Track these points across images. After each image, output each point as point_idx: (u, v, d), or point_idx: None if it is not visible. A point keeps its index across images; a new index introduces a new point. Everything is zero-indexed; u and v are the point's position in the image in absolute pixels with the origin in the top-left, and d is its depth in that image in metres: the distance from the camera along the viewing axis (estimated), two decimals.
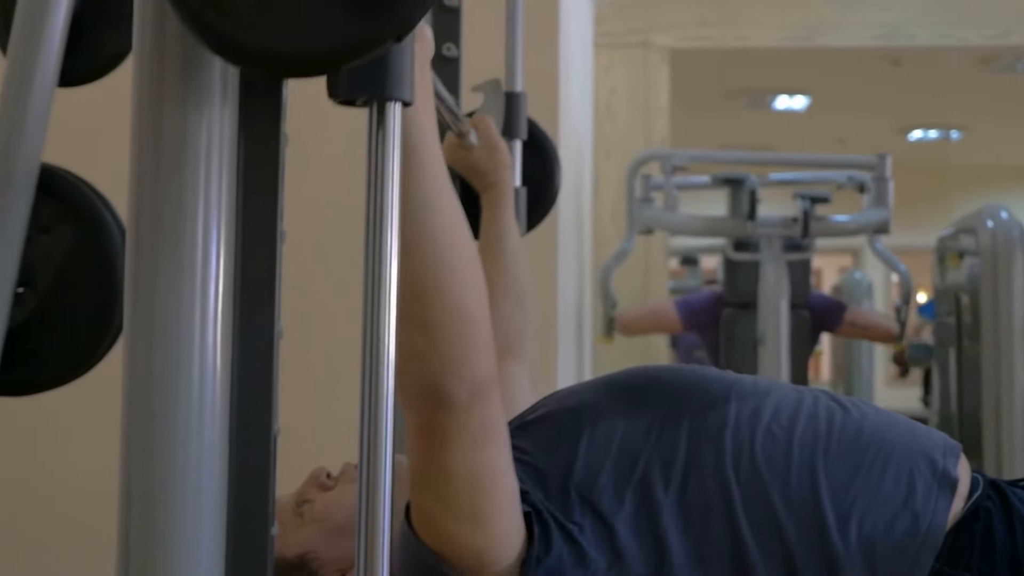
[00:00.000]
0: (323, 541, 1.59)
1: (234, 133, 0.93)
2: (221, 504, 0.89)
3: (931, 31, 6.64)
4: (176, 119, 0.90)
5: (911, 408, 8.13)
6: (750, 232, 4.96)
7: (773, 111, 9.88)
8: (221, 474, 0.90)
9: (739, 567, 1.44)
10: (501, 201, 2.09)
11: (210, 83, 0.91)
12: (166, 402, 0.87)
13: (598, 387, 1.64)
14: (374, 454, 0.93)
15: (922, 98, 9.32)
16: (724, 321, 5.37)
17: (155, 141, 0.90)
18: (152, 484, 0.87)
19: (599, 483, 1.47)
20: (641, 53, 6.50)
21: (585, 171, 5.33)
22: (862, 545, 1.44)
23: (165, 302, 0.88)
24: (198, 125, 0.90)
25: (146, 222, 0.90)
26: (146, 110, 0.91)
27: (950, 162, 11.80)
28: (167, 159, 0.90)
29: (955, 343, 5.39)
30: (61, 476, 3.19)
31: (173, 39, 0.89)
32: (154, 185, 0.90)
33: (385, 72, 0.94)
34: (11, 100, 1.50)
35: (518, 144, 2.33)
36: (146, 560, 0.87)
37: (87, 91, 1.62)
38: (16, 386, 1.55)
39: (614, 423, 1.52)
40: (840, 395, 1.65)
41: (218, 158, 0.90)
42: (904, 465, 1.50)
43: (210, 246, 0.89)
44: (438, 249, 1.29)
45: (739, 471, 1.47)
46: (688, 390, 1.57)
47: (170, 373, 0.87)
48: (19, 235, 1.48)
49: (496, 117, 2.22)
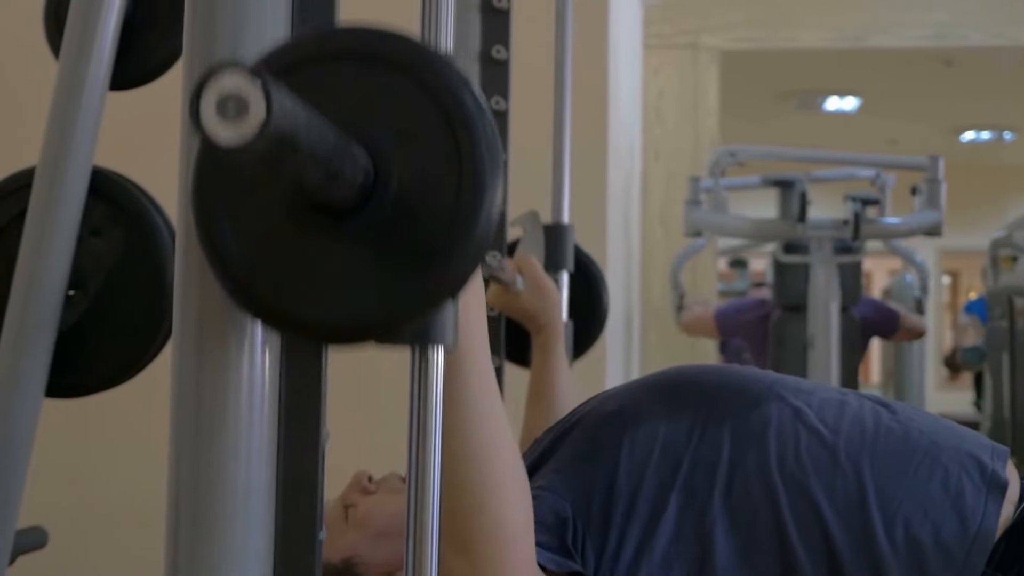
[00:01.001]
0: (367, 545, 1.59)
1: None
2: (269, 509, 0.89)
3: (983, 31, 6.59)
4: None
5: (963, 412, 8.06)
6: (800, 234, 4.93)
7: (823, 113, 9.83)
8: (269, 478, 0.89)
9: (785, 568, 1.43)
10: (552, 344, 2.08)
11: None
12: (214, 405, 0.87)
13: (638, 390, 1.63)
14: (423, 459, 0.92)
15: (974, 99, 9.25)
16: (773, 324, 5.35)
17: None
18: (200, 489, 0.87)
19: (643, 487, 1.46)
20: (690, 55, 6.48)
21: (634, 173, 5.32)
22: (909, 547, 1.42)
23: (214, 305, 0.87)
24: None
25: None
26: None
27: (1003, 163, 11.71)
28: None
29: (1008, 347, 5.34)
30: (111, 478, 3.22)
31: (222, 46, 0.89)
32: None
33: (428, 322, 0.90)
34: (63, 103, 1.51)
35: (564, 276, 2.28)
36: (195, 567, 0.87)
37: (138, 94, 1.63)
38: (67, 388, 1.55)
39: (655, 426, 1.51)
40: (885, 398, 1.63)
41: None
42: (952, 467, 1.47)
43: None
44: (481, 466, 1.26)
45: (784, 471, 1.46)
46: (729, 390, 1.56)
47: (219, 375, 0.87)
48: (71, 238, 1.49)
49: (537, 249, 2.21)
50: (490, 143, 0.81)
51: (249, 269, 0.82)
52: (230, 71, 0.67)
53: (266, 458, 0.89)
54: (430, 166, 0.81)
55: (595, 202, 3.42)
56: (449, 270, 0.80)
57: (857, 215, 4.81)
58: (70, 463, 3.12)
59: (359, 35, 0.82)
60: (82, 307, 1.53)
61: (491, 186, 0.80)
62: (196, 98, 0.67)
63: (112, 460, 3.22)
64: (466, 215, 0.80)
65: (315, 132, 0.72)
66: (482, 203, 0.80)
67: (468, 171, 0.80)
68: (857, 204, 4.88)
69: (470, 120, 0.81)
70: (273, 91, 0.66)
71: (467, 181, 0.80)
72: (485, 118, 0.81)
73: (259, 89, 0.66)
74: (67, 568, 2.82)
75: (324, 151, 0.74)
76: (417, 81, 0.81)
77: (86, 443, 3.17)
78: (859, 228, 4.81)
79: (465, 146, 0.80)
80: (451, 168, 0.80)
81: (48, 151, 1.50)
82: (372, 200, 0.80)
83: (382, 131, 0.81)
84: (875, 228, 4.99)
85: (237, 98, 0.66)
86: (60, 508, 2.88)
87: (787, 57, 7.40)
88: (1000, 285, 5.52)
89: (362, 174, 0.79)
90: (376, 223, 0.80)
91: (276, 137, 0.67)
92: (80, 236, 1.50)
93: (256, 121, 0.66)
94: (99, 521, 3.21)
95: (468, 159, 0.80)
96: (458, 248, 0.80)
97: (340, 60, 0.82)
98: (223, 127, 0.66)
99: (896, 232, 5.15)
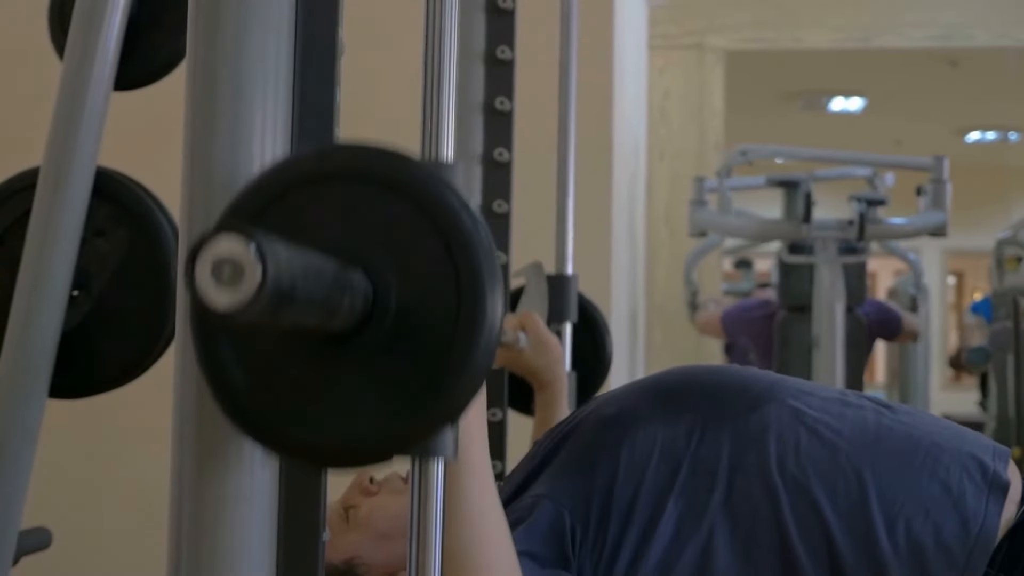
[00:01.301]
0: (368, 546, 1.59)
1: (287, 143, 0.92)
2: (272, 510, 0.89)
3: (989, 31, 6.58)
4: (228, 122, 0.90)
5: (967, 412, 8.05)
6: (805, 235, 4.93)
7: (829, 113, 9.83)
8: (272, 480, 0.89)
9: (786, 569, 1.43)
10: (555, 400, 2.09)
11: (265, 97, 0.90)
12: (215, 423, 0.86)
13: (637, 392, 1.63)
14: (426, 491, 0.92)
15: (980, 99, 9.24)
16: (778, 325, 5.35)
17: (207, 150, 0.90)
18: (203, 489, 0.87)
19: (642, 491, 1.46)
20: (696, 55, 6.48)
21: (639, 173, 5.31)
22: (911, 549, 1.42)
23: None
24: (251, 131, 0.90)
25: (198, 226, 0.90)
26: (199, 118, 0.91)
27: (1008, 164, 11.70)
28: (220, 166, 0.90)
29: (1013, 347, 5.34)
30: (116, 478, 3.22)
31: (226, 47, 0.89)
32: (207, 189, 0.90)
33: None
34: (67, 103, 1.50)
35: (568, 327, 2.27)
36: (198, 567, 0.87)
37: (143, 95, 1.63)
38: (71, 388, 1.55)
39: (654, 429, 1.51)
40: (885, 399, 1.62)
41: (272, 163, 0.90)
42: (954, 468, 1.47)
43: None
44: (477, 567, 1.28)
45: (785, 473, 1.45)
46: (729, 391, 1.55)
47: None
48: (75, 238, 1.49)
49: (540, 301, 2.21)
50: (489, 264, 0.80)
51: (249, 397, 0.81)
52: (224, 236, 0.67)
53: (268, 459, 0.88)
54: (429, 289, 0.80)
55: (600, 202, 3.42)
56: (451, 395, 0.80)
57: (862, 215, 4.81)
58: (74, 463, 3.13)
59: (357, 154, 0.82)
60: (86, 307, 1.53)
61: (491, 308, 0.79)
62: (191, 263, 0.67)
63: (117, 460, 3.22)
64: (466, 338, 0.79)
65: (313, 279, 0.72)
66: (482, 326, 0.79)
67: (467, 293, 0.79)
68: (862, 204, 4.88)
69: (468, 242, 0.80)
70: (268, 253, 0.66)
71: (466, 303, 0.79)
72: (483, 239, 0.80)
73: (254, 252, 0.66)
74: (71, 569, 2.82)
75: (322, 295, 0.74)
76: (415, 202, 0.80)
77: (90, 444, 3.17)
78: (864, 229, 4.81)
79: (464, 269, 0.79)
80: (450, 291, 0.80)
81: (52, 151, 1.50)
82: (371, 323, 0.80)
83: (381, 254, 0.81)
84: (880, 229, 4.98)
85: (232, 263, 0.66)
86: (64, 509, 2.88)
87: (792, 57, 7.39)
88: (1005, 285, 5.52)
89: (361, 300, 0.79)
90: (375, 347, 0.80)
91: (273, 296, 0.67)
92: (84, 237, 1.50)
93: (252, 285, 0.66)
94: (103, 522, 3.22)
95: (467, 281, 0.79)
96: (459, 372, 0.79)
97: (338, 180, 0.82)
98: (219, 292, 0.67)
99: (901, 233, 5.15)
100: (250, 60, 0.90)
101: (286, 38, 0.92)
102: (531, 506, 1.45)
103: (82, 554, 3.05)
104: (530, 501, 1.46)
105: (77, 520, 3.06)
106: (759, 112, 9.46)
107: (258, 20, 0.90)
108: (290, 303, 0.70)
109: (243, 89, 0.90)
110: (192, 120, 0.91)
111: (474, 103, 2.14)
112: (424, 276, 0.80)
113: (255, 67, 0.90)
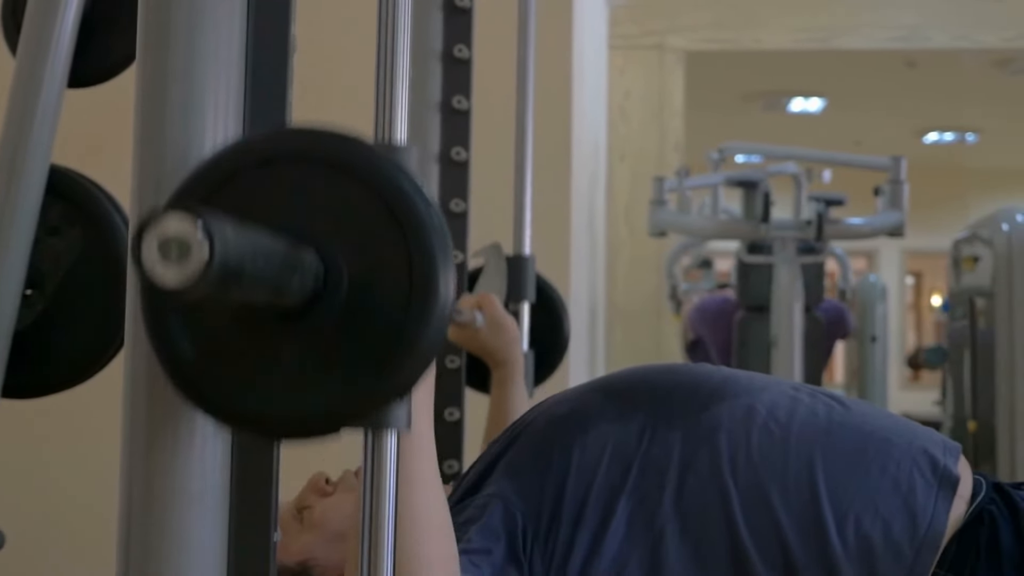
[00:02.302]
0: (323, 547, 1.58)
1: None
2: (223, 509, 0.89)
3: (947, 33, 6.63)
4: (179, 121, 0.89)
5: (926, 411, 8.10)
6: (764, 235, 4.95)
7: (789, 114, 9.87)
8: (223, 478, 0.89)
9: (737, 568, 1.43)
10: (511, 379, 2.11)
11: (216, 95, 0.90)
12: (166, 406, 0.86)
13: (589, 393, 1.62)
14: (379, 462, 0.92)
15: (938, 100, 9.30)
16: (737, 324, 5.37)
17: (158, 149, 0.90)
18: (152, 489, 0.86)
19: (592, 492, 1.46)
20: (656, 55, 6.49)
21: (599, 173, 5.32)
22: (860, 545, 1.42)
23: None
24: (203, 130, 0.90)
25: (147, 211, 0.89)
26: (149, 118, 0.90)
27: (966, 165, 11.78)
28: (171, 165, 0.89)
29: (969, 347, 5.37)
30: (69, 479, 3.20)
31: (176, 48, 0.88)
32: (157, 175, 0.90)
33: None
34: (20, 101, 1.49)
35: (526, 306, 2.29)
36: (147, 567, 0.86)
37: (97, 92, 1.62)
38: (24, 388, 1.54)
39: (606, 429, 1.51)
40: (838, 393, 1.63)
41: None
42: (904, 463, 1.47)
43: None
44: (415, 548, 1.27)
45: (736, 472, 1.46)
46: (681, 390, 1.55)
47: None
48: (28, 237, 1.48)
49: (499, 281, 2.23)
50: (440, 243, 0.81)
51: (199, 370, 0.82)
52: (171, 214, 0.67)
53: (220, 457, 0.88)
54: (380, 266, 0.81)
55: (559, 200, 3.42)
56: (402, 370, 0.81)
57: (820, 215, 4.83)
58: (27, 464, 3.10)
59: (307, 137, 0.83)
60: (39, 307, 1.52)
61: (442, 285, 0.80)
62: (137, 241, 0.68)
63: (70, 461, 3.20)
64: (418, 314, 0.80)
65: (261, 259, 0.73)
66: (434, 303, 0.80)
67: (419, 271, 0.80)
68: (821, 204, 4.90)
69: (420, 222, 0.81)
70: (215, 231, 0.67)
71: (418, 280, 0.80)
72: (435, 219, 0.81)
73: (201, 230, 0.67)
74: (24, 570, 2.80)
75: (271, 274, 0.74)
76: (366, 184, 0.81)
77: (43, 444, 3.15)
78: (822, 229, 4.83)
79: (416, 248, 0.80)
80: (402, 268, 0.80)
81: (5, 149, 1.49)
82: (322, 301, 0.81)
83: (332, 233, 0.81)
84: (839, 229, 5.01)
85: (179, 241, 0.67)
86: (17, 509, 2.86)
87: (753, 58, 7.42)
88: (962, 285, 5.55)
89: (312, 279, 0.79)
90: (327, 323, 0.81)
91: (220, 274, 0.68)
92: (37, 235, 1.49)
93: (199, 263, 0.67)
94: (56, 522, 3.19)
95: (419, 260, 0.80)
96: (410, 349, 0.80)
97: (289, 162, 0.82)
98: (166, 269, 0.67)
99: (859, 233, 5.17)
100: (202, 44, 0.90)
101: (238, 24, 0.92)
102: (483, 505, 1.45)
103: (37, 556, 3.03)
104: (482, 501, 1.46)
105: (30, 522, 3.04)
106: (719, 112, 9.48)
107: (209, 19, 0.89)
108: (238, 281, 0.70)
109: (194, 74, 0.89)
110: (142, 107, 0.91)
111: (431, 101, 2.14)
112: (376, 255, 0.81)
113: (207, 52, 0.90)
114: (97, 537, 2.12)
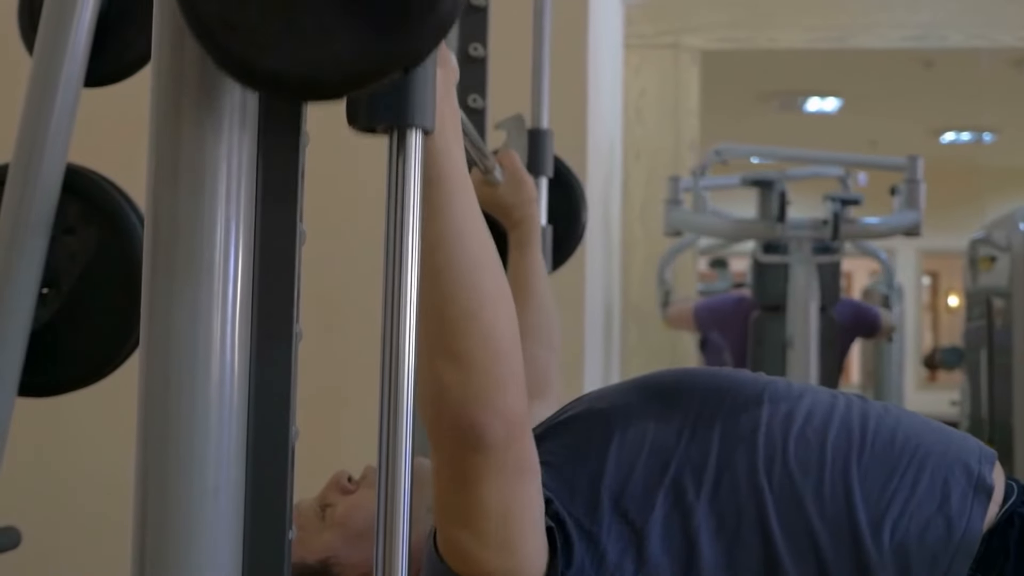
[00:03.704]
0: (344, 545, 1.57)
1: (253, 142, 0.92)
2: (238, 508, 0.89)
3: (964, 32, 6.60)
4: (194, 121, 0.89)
5: (942, 412, 8.07)
6: (779, 234, 4.94)
7: (804, 113, 9.85)
8: (238, 478, 0.89)
9: (770, 570, 1.43)
10: (529, 239, 2.08)
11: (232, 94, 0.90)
12: (182, 405, 0.86)
13: (629, 389, 1.62)
14: (393, 458, 0.92)
15: (955, 100, 9.27)
16: (753, 324, 5.36)
17: (173, 148, 0.90)
18: (168, 488, 0.87)
19: (629, 487, 1.46)
20: (671, 55, 6.48)
21: (614, 172, 5.32)
22: (895, 551, 1.42)
23: (182, 305, 0.87)
24: (218, 129, 0.90)
25: (164, 227, 0.89)
26: (164, 118, 0.90)
27: (982, 164, 11.74)
28: (186, 164, 0.89)
29: (986, 347, 5.36)
30: (85, 477, 3.21)
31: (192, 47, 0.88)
32: (173, 189, 0.90)
33: (405, 99, 0.92)
34: (37, 100, 1.50)
35: (544, 182, 2.30)
36: (162, 564, 0.86)
37: (113, 91, 1.62)
38: (40, 387, 1.55)
39: (645, 426, 1.51)
40: (873, 400, 1.63)
41: (237, 161, 0.90)
42: (939, 471, 1.48)
43: (229, 248, 0.89)
44: (469, 278, 1.24)
45: (772, 475, 1.46)
46: (720, 392, 1.55)
47: (187, 376, 0.87)
48: (44, 236, 1.48)
49: (520, 154, 2.21)
50: None
51: (224, 26, 0.82)
52: None
53: (235, 455, 0.88)
54: None
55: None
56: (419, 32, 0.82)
57: (836, 215, 4.82)
58: (44, 462, 3.11)
59: None
60: (56, 305, 1.53)
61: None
62: None
63: (86, 459, 3.21)
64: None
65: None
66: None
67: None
68: (836, 204, 4.89)
69: None
70: None
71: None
72: None
73: None
74: (41, 569, 2.81)
75: None
76: None
77: (60, 442, 3.15)
78: (838, 228, 4.82)
79: None
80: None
81: (22, 148, 1.49)
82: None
83: None
84: (855, 228, 4.99)
85: None
86: (34, 508, 2.87)
87: (768, 58, 7.40)
88: (979, 285, 5.54)
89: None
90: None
91: None
92: (54, 234, 1.50)
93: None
94: (73, 520, 3.20)
95: None
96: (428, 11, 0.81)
97: None
98: None
99: (875, 232, 5.16)
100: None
101: None
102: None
103: (53, 553, 3.03)
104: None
105: (47, 520, 3.05)
106: (735, 112, 9.46)
107: None
108: None
109: (209, 72, 0.89)
110: (157, 105, 0.91)
111: None
112: None
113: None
114: (112, 533, 2.13)
